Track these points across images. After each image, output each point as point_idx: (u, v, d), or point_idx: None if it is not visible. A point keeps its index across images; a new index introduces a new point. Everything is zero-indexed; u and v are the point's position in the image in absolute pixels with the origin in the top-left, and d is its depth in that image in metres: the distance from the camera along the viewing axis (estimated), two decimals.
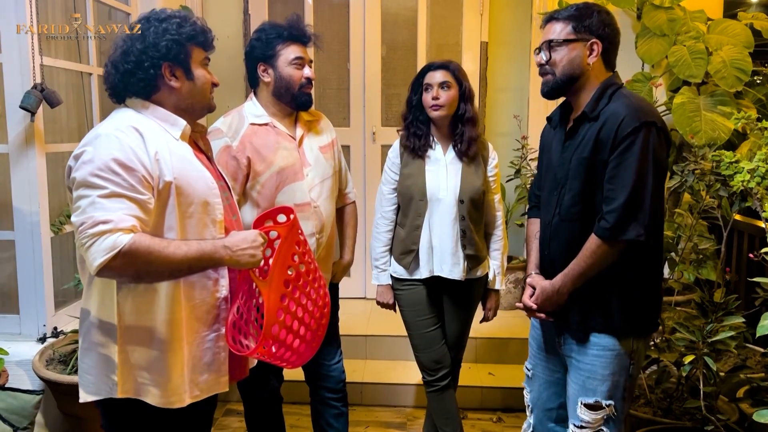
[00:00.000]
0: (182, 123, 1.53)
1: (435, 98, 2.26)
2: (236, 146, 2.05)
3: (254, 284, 1.57)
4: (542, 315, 1.82)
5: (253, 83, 2.19)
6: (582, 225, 1.74)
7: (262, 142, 2.08)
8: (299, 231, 1.60)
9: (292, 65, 2.09)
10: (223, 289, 1.54)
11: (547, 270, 1.84)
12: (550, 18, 1.79)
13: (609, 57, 1.78)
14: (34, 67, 2.50)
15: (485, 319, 2.52)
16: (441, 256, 2.31)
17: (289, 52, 2.09)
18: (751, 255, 2.07)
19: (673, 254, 2.65)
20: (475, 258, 2.33)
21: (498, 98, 4.02)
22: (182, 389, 1.48)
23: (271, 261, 1.51)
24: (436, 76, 2.28)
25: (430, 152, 2.34)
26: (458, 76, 2.30)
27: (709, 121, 3.17)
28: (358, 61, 3.97)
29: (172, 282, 1.44)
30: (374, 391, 3.24)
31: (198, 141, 1.64)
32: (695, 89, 3.32)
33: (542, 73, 1.80)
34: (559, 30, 1.75)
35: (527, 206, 2.24)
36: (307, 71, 2.11)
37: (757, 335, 1.54)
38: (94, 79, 3.07)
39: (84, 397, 1.51)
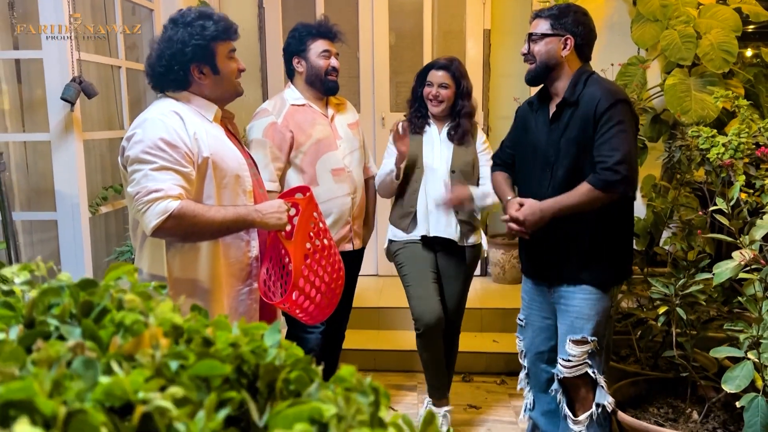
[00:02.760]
0: (214, 108, 1.76)
1: (435, 96, 2.61)
2: (281, 122, 2.40)
3: (281, 249, 1.83)
4: (522, 230, 2.02)
5: (290, 74, 2.58)
6: None
7: (302, 118, 2.44)
8: (315, 205, 1.85)
9: (321, 57, 2.46)
10: (254, 249, 1.79)
11: (540, 239, 2.08)
12: (536, 16, 2.08)
13: (583, 51, 2.05)
14: (72, 61, 2.74)
15: (449, 201, 2.55)
16: (436, 218, 2.60)
17: (318, 46, 2.47)
18: (700, 212, 2.31)
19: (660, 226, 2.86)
20: (467, 223, 2.61)
21: (501, 83, 4.22)
22: None
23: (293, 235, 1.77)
24: (438, 76, 2.61)
25: (427, 129, 2.68)
26: (457, 77, 2.62)
27: (699, 101, 3.36)
28: (367, 50, 4.18)
29: (212, 243, 1.68)
30: (386, 357, 3.49)
31: (228, 124, 1.87)
32: (686, 71, 3.50)
33: (526, 61, 2.10)
34: (539, 26, 2.04)
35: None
36: (333, 61, 2.48)
37: (714, 284, 1.76)
38: (122, 71, 3.30)
39: None
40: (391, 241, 2.73)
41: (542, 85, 2.14)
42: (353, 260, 2.60)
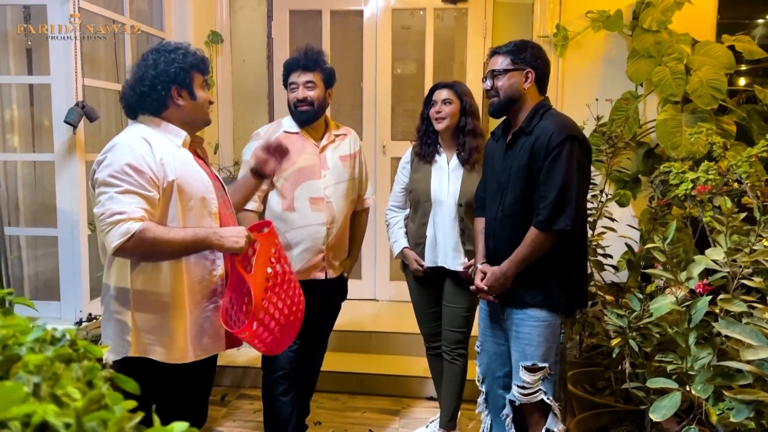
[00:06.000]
0: (183, 134, 1.88)
1: (438, 112, 2.69)
2: None
3: (243, 280, 1.90)
4: (490, 297, 2.17)
5: None
6: (522, 219, 2.11)
7: (290, 145, 2.47)
8: (275, 240, 1.94)
9: (289, 90, 2.58)
10: (219, 268, 1.88)
11: (492, 259, 2.21)
12: (494, 53, 2.18)
13: (541, 83, 2.16)
14: (77, 87, 2.91)
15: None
16: (444, 250, 2.70)
17: (290, 79, 2.58)
18: (637, 249, 2.35)
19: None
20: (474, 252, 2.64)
21: None
22: (185, 349, 1.82)
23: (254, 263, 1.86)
24: (442, 94, 2.71)
25: (437, 158, 2.76)
26: (460, 94, 2.72)
27: (689, 137, 3.39)
28: (370, 81, 4.31)
29: (174, 262, 1.79)
30: (373, 381, 3.54)
31: (197, 149, 1.99)
32: (679, 107, 3.54)
33: (489, 97, 2.19)
34: (500, 62, 2.14)
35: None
36: (299, 93, 2.54)
37: (654, 317, 1.79)
38: None
39: (106, 358, 1.86)
40: (403, 264, 2.91)
41: (505, 117, 2.25)
42: (330, 288, 2.65)
